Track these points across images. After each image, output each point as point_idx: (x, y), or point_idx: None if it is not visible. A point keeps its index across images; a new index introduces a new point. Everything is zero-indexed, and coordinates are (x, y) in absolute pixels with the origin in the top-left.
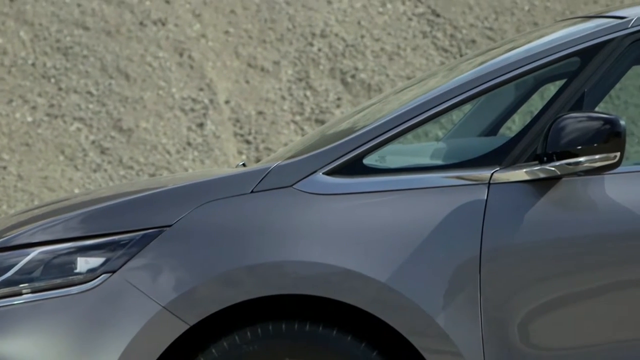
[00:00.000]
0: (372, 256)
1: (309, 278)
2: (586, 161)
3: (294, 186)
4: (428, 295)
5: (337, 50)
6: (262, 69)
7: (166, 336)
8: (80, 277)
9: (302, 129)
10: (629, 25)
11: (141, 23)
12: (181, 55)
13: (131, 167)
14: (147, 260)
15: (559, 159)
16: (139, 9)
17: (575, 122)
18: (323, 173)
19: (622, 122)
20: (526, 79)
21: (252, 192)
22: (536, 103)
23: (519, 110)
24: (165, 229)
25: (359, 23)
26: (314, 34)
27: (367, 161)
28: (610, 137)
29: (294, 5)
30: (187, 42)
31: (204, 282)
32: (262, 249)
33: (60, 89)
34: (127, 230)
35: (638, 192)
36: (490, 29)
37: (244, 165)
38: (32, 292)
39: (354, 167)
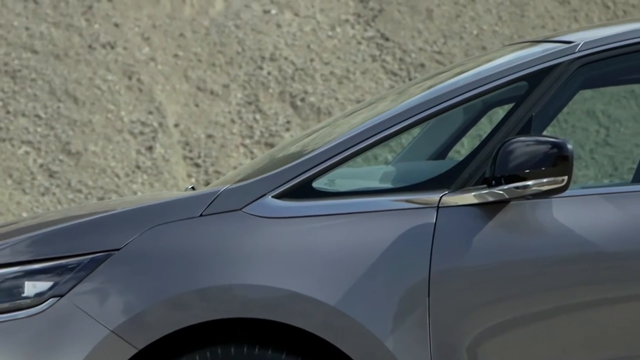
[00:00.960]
0: (321, 279)
1: (258, 301)
2: (534, 185)
3: (243, 210)
4: (377, 318)
5: (286, 73)
6: (212, 93)
7: None
8: (28, 301)
9: (251, 152)
10: (576, 50)
11: (90, 46)
12: (130, 78)
13: (80, 191)
14: (95, 284)
15: (507, 183)
16: (87, 32)
17: (523, 145)
18: (272, 196)
19: (570, 146)
20: (475, 102)
21: (201, 215)
22: (485, 127)
23: (467, 134)
24: (113, 252)
25: (308, 47)
26: (263, 58)
27: (316, 184)
28: (557, 160)
29: (243, 29)
30: (136, 66)
31: (153, 305)
32: (211, 272)
33: (8, 112)
34: (75, 254)
35: (585, 215)
36: (439, 52)
37: (193, 188)
38: None
39: (303, 191)
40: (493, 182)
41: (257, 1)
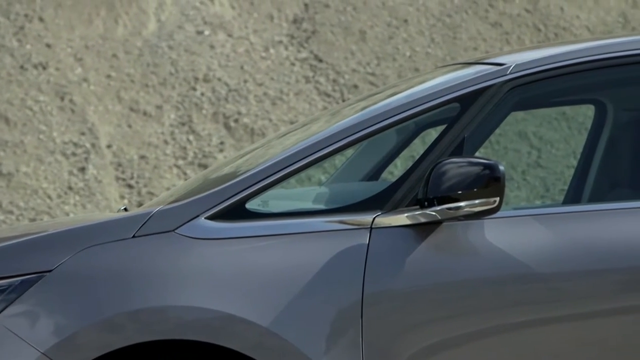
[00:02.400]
0: (254, 301)
1: (191, 323)
2: (466, 206)
3: (175, 231)
4: (311, 339)
5: (220, 94)
6: (145, 113)
7: None
8: None
9: (184, 174)
10: (508, 72)
11: (22, 67)
12: (62, 99)
13: (11, 212)
14: (26, 306)
15: (439, 204)
16: (19, 52)
17: (455, 167)
18: (205, 218)
19: (502, 168)
20: (407, 124)
21: (133, 237)
22: (418, 148)
23: (400, 155)
24: (45, 274)
25: (242, 68)
26: (196, 79)
27: (249, 206)
28: (489, 182)
29: (176, 50)
30: (69, 86)
31: (84, 327)
32: (143, 294)
33: None
34: (5, 275)
35: (517, 236)
36: (373, 74)
37: (125, 209)
38: None
39: (237, 212)
40: (426, 203)
41: (191, 22)
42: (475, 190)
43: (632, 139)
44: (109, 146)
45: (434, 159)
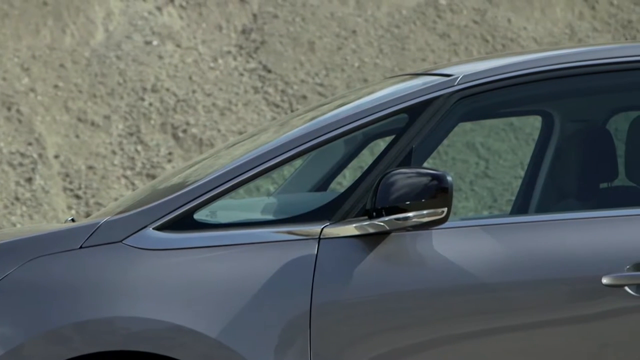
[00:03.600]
0: (203, 312)
1: (139, 334)
2: (414, 216)
3: (123, 242)
4: (259, 350)
5: (168, 105)
6: (93, 124)
7: None
8: None
9: (132, 184)
10: (456, 83)
11: None
12: (9, 109)
13: None
14: None
15: (388, 214)
16: None
17: (403, 177)
18: (153, 228)
19: (449, 178)
20: (356, 134)
21: (80, 247)
22: (366, 158)
23: (349, 166)
24: None
25: (190, 78)
26: (145, 89)
27: (197, 216)
28: (437, 192)
29: (124, 60)
30: (16, 96)
31: (31, 339)
32: (91, 305)
33: None
34: None
35: (465, 247)
36: (321, 84)
37: (72, 220)
38: None
39: (185, 223)
40: (374, 213)
41: (139, 32)
42: (423, 200)
43: (578, 150)
44: (56, 156)
45: (382, 170)
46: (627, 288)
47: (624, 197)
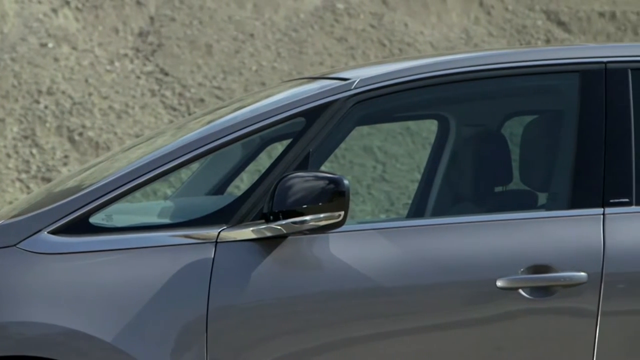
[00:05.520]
0: (98, 316)
1: (33, 339)
2: (311, 220)
3: (17, 245)
4: (156, 355)
5: (64, 107)
6: None
7: None
8: None
9: (27, 187)
10: (352, 87)
11: None
12: None
13: None
14: None
15: (285, 218)
16: None
17: (301, 181)
18: (48, 232)
19: (346, 182)
20: (253, 138)
21: None
22: (263, 162)
23: (246, 169)
24: None
25: (86, 81)
26: (40, 92)
27: (93, 220)
28: (334, 196)
29: (19, 62)
30: None
31: None
32: None
33: None
34: None
35: (362, 250)
36: (219, 88)
37: None
38: None
39: (80, 226)
40: (271, 217)
41: (34, 34)
42: (320, 204)
43: (474, 154)
44: None
45: (279, 173)
46: (521, 291)
47: (518, 200)
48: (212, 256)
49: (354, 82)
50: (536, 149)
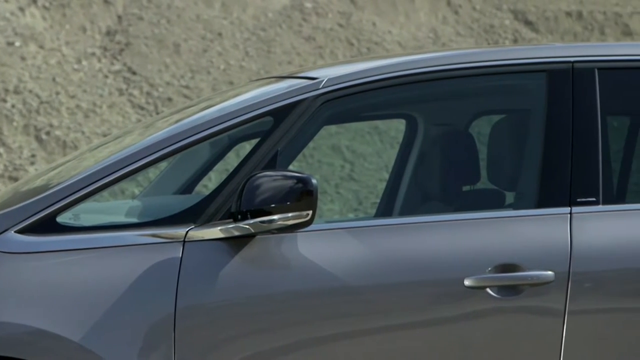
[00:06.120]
0: (66, 315)
1: (1, 339)
2: (279, 219)
3: None
4: (123, 354)
5: (31, 106)
6: None
7: None
8: None
9: None
10: (320, 86)
11: None
12: None
13: None
14: None
15: (253, 217)
16: None
17: (269, 180)
18: (15, 231)
19: (314, 181)
20: (221, 137)
21: None
22: (232, 161)
23: (214, 169)
24: None
25: (54, 80)
26: (7, 90)
27: (60, 219)
28: (302, 195)
29: None
30: None
31: None
32: None
33: None
34: None
35: (330, 249)
36: (187, 87)
37: None
38: None
39: (47, 226)
40: (239, 216)
41: (1, 33)
42: (288, 203)
43: (441, 153)
44: None
45: (247, 173)
46: (488, 290)
47: (486, 199)
48: (180, 255)
49: (322, 81)
50: (504, 149)
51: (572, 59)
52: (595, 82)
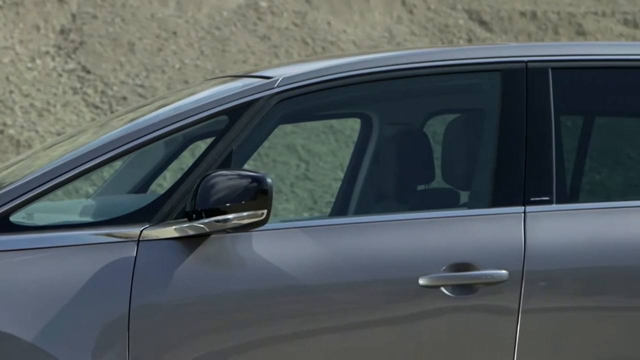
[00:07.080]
0: (19, 315)
1: None
2: (234, 218)
3: None
4: (77, 354)
5: None
6: None
7: None
8: None
9: None
10: (275, 85)
11: None
12: None
13: None
14: None
15: (207, 216)
16: None
17: (224, 179)
18: None
19: (269, 180)
20: (176, 136)
21: None
22: (186, 160)
23: (169, 168)
24: None
25: (7, 78)
26: None
27: (14, 218)
28: (257, 194)
29: None
30: None
31: None
32: None
33: None
34: None
35: (285, 248)
36: (142, 86)
37: None
38: None
39: (0, 225)
40: (194, 215)
41: None
42: (243, 202)
43: (396, 152)
44: None
45: (202, 172)
46: (442, 289)
47: (440, 199)
48: (134, 255)
49: (277, 80)
50: (458, 148)
51: (526, 59)
52: (549, 81)
